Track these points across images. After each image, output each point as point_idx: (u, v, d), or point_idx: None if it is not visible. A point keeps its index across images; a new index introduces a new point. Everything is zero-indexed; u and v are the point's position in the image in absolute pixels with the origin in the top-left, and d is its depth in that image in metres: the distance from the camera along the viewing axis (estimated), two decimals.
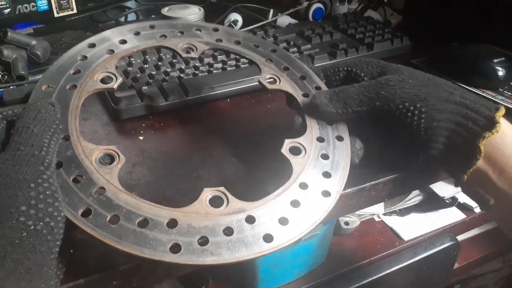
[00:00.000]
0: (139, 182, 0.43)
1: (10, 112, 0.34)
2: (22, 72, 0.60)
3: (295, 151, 0.40)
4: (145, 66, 0.61)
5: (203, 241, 0.31)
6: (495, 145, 0.39)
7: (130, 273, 0.35)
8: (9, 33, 0.62)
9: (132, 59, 0.62)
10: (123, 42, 0.43)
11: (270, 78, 0.46)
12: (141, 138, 0.50)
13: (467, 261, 0.98)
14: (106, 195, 0.32)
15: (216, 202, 0.34)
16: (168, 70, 0.61)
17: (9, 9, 0.65)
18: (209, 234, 0.31)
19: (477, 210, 0.96)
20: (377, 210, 0.95)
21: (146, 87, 0.56)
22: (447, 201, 0.98)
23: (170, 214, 0.32)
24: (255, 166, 0.46)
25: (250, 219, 0.33)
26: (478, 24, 0.77)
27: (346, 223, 0.87)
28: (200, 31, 0.48)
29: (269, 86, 0.45)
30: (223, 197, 0.34)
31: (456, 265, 0.95)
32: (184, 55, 0.45)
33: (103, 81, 0.40)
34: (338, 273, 0.79)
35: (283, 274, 0.76)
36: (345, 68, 0.47)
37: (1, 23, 0.65)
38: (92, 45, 0.42)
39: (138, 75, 0.59)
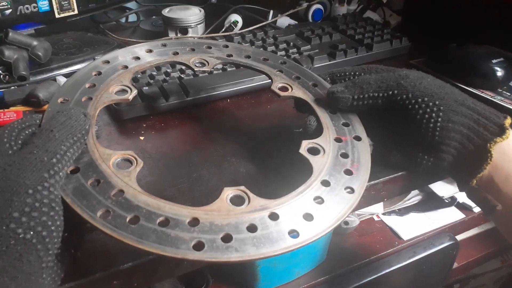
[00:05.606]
0: (140, 182, 0.42)
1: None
2: (23, 73, 0.61)
3: (314, 151, 0.40)
4: None
5: (227, 238, 0.31)
6: (502, 151, 0.39)
7: (131, 273, 0.35)
8: (10, 34, 0.62)
9: None
10: (137, 58, 0.45)
11: (281, 86, 0.46)
12: (141, 138, 0.51)
13: (466, 260, 0.98)
14: (125, 196, 0.32)
15: (237, 201, 0.34)
16: (168, 70, 0.61)
17: (10, 10, 0.66)
18: (233, 231, 0.31)
19: (476, 210, 0.97)
20: (376, 209, 0.95)
21: (146, 88, 0.56)
22: (446, 201, 0.99)
23: (191, 213, 0.32)
24: (257, 166, 0.46)
25: (274, 216, 0.33)
26: (477, 24, 0.77)
27: (346, 223, 0.87)
28: (211, 48, 0.50)
29: (282, 94, 0.45)
30: (244, 196, 0.34)
31: (455, 265, 0.95)
32: (196, 68, 0.46)
33: (118, 93, 0.41)
34: (338, 273, 0.79)
35: (283, 273, 0.76)
36: (352, 73, 0.46)
37: (3, 24, 0.65)
38: (106, 62, 0.43)
39: (138, 75, 0.60)
